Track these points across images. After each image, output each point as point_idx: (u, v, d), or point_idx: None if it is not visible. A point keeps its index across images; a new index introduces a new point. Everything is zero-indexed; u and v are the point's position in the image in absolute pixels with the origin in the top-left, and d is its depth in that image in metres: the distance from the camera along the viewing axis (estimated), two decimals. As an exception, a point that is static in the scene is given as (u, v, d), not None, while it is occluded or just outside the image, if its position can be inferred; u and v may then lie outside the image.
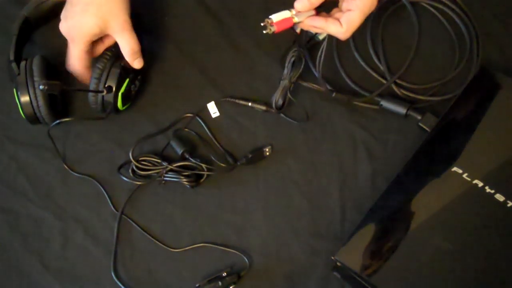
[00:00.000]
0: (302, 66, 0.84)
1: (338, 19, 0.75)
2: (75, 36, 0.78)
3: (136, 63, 0.80)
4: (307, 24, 0.76)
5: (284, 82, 0.83)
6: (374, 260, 0.73)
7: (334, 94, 0.83)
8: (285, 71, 0.84)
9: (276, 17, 0.75)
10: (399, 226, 0.75)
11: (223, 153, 0.83)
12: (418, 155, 0.78)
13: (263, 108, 0.84)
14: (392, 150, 0.83)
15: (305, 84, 0.84)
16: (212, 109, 0.85)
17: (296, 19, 0.75)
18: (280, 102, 0.83)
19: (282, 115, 0.84)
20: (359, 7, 0.73)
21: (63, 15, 0.79)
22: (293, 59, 0.83)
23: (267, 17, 0.74)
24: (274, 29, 0.74)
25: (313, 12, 0.76)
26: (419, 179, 0.77)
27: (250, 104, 0.85)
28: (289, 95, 0.83)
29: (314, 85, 0.84)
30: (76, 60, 0.80)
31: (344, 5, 0.75)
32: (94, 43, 0.81)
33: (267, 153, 0.82)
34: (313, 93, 0.85)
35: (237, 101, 0.85)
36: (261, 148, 0.82)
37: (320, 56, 0.83)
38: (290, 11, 0.75)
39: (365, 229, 0.74)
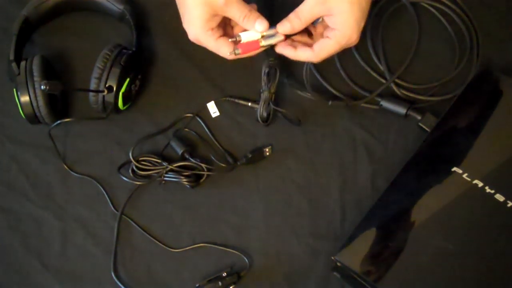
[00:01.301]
0: (278, 76, 0.83)
1: (309, 45, 0.75)
2: (197, 36, 0.75)
3: (258, 25, 0.74)
4: (278, 51, 0.76)
5: (264, 94, 0.83)
6: (374, 260, 0.73)
7: (330, 103, 0.83)
8: (262, 83, 0.83)
9: (245, 36, 0.74)
10: (399, 226, 0.75)
11: (223, 153, 0.83)
12: (418, 155, 0.78)
13: None
14: (392, 150, 0.83)
15: (301, 93, 0.84)
16: (212, 108, 0.85)
17: (263, 43, 0.75)
18: (265, 114, 0.83)
19: (279, 115, 0.84)
20: (336, 38, 0.73)
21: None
22: (267, 69, 0.83)
23: (238, 34, 0.74)
24: (239, 52, 0.74)
25: (282, 37, 0.75)
26: (419, 179, 0.77)
27: (250, 104, 0.85)
28: (272, 105, 0.82)
29: (309, 95, 0.84)
30: (221, 51, 0.75)
31: (325, 32, 0.75)
32: (225, 28, 0.78)
33: (267, 153, 0.82)
34: (313, 93, 0.85)
35: (236, 100, 0.85)
36: (261, 148, 0.82)
37: (306, 70, 0.84)
38: (261, 33, 0.74)
39: (365, 229, 0.74)
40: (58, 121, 0.81)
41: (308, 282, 0.77)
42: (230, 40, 0.75)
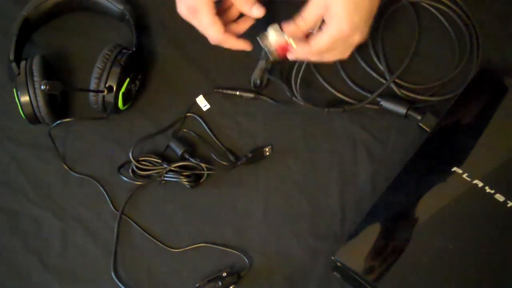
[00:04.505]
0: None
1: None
2: (196, 4, 0.75)
3: (255, 11, 0.77)
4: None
5: (262, 63, 0.83)
6: (374, 260, 0.73)
7: (326, 110, 0.83)
8: (263, 51, 0.83)
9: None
10: (399, 226, 0.75)
11: (223, 151, 0.83)
12: (418, 155, 0.78)
13: (251, 95, 0.84)
14: (392, 150, 0.83)
15: (299, 102, 0.84)
16: (202, 102, 0.85)
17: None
18: (258, 82, 0.83)
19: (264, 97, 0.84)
20: (328, 30, 0.74)
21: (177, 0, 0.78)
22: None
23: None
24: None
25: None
26: (419, 179, 0.77)
27: (238, 93, 0.84)
28: (267, 75, 0.83)
29: (308, 104, 0.83)
30: (212, 28, 0.77)
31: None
32: (224, 10, 0.80)
33: (267, 153, 0.82)
34: (313, 92, 0.86)
35: (224, 91, 0.85)
36: (261, 148, 0.82)
37: (296, 81, 0.83)
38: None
39: (365, 229, 0.74)
40: (58, 121, 0.81)
41: (308, 282, 0.77)
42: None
